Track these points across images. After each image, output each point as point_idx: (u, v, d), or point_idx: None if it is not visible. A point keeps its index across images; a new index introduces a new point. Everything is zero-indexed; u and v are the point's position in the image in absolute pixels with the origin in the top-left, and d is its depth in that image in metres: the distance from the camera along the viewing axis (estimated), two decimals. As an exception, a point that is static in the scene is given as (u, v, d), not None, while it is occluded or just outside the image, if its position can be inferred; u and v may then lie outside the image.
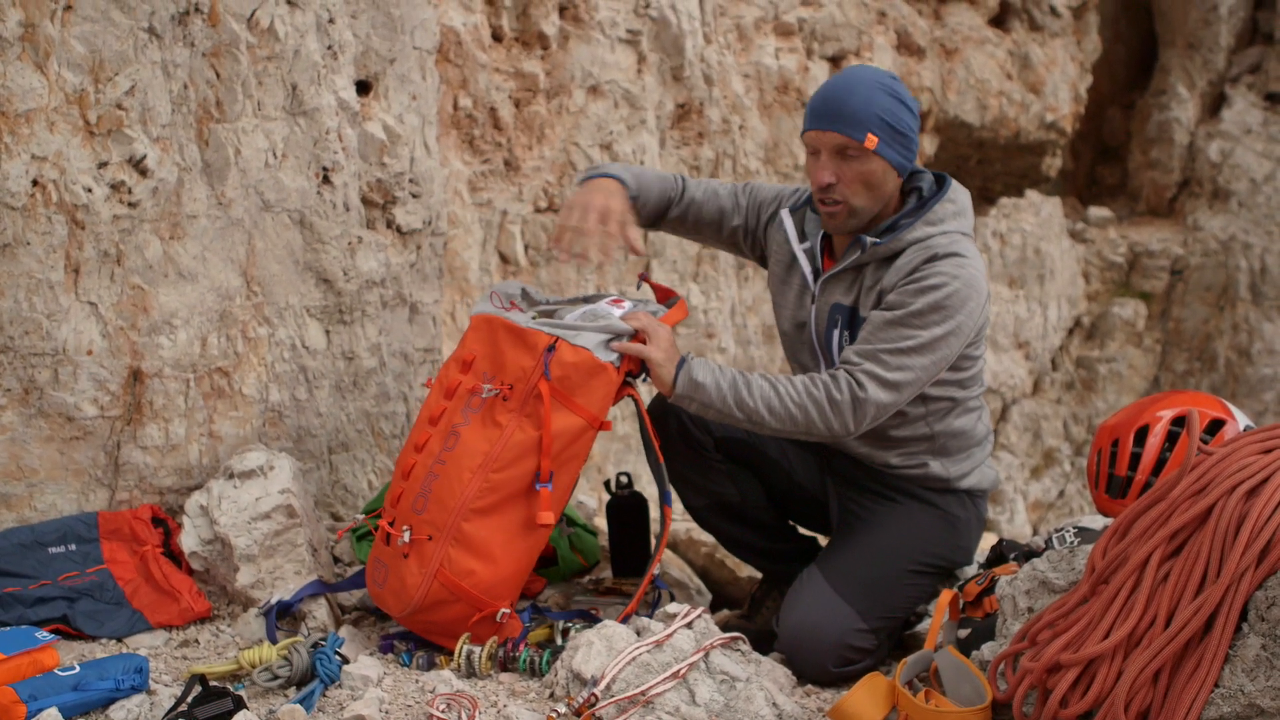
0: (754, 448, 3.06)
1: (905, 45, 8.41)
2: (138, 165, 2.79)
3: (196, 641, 2.74)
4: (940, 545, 2.94)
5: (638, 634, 2.52)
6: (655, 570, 2.81)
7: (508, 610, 2.64)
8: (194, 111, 2.95)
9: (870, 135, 2.68)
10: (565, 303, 2.88)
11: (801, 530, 3.29)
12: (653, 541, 3.33)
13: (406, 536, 2.61)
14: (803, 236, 2.97)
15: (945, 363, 2.73)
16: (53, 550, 2.77)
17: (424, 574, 2.60)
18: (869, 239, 2.77)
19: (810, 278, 2.93)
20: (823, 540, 3.24)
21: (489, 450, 2.58)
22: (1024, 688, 2.05)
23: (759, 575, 3.47)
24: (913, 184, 2.85)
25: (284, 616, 2.78)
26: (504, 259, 5.25)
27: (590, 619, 2.80)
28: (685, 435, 3.04)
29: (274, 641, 2.61)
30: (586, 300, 2.85)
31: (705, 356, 5.90)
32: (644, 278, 2.89)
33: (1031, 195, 9.68)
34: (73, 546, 2.79)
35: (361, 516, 3.29)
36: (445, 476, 2.61)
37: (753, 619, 3.27)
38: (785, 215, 3.00)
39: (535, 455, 2.59)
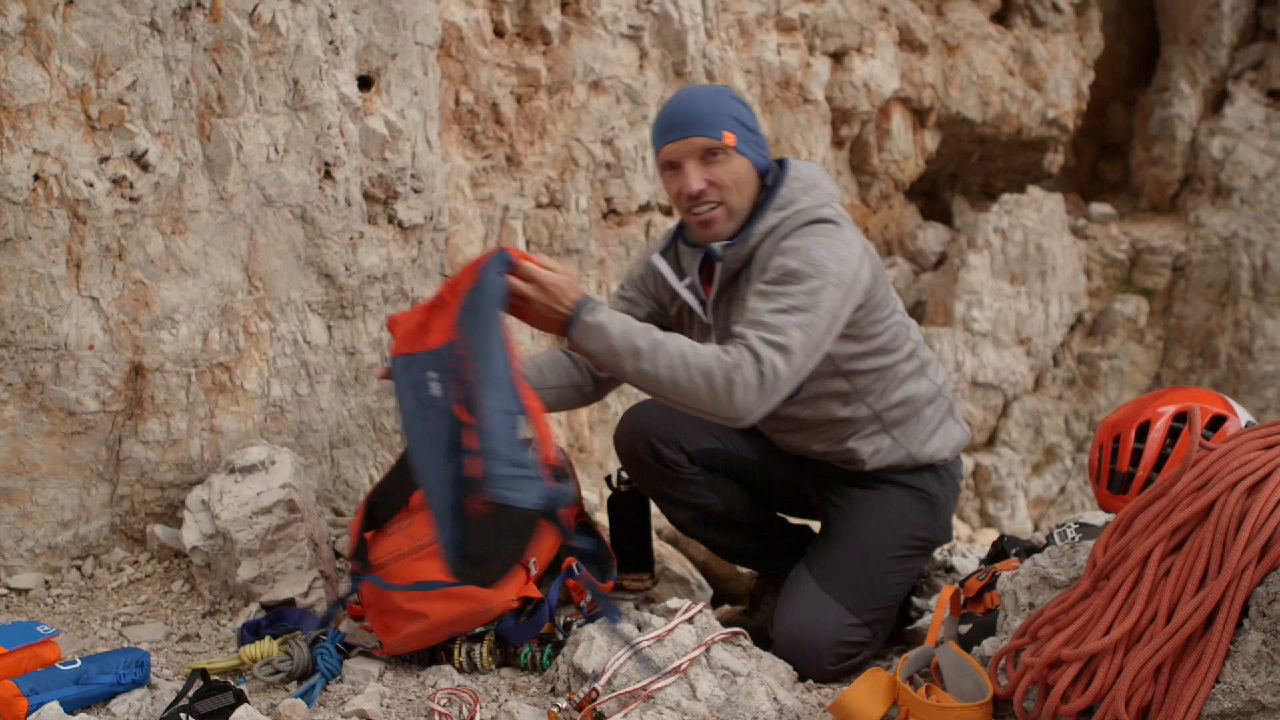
0: (730, 454, 3.05)
1: (907, 41, 8.40)
2: (139, 160, 2.79)
3: (198, 636, 2.74)
4: (919, 526, 2.95)
5: (639, 629, 2.52)
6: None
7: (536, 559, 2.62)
8: (195, 106, 2.95)
9: (727, 133, 2.69)
10: None
11: (792, 520, 3.29)
12: (652, 537, 3.33)
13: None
14: (681, 274, 2.91)
15: (835, 321, 2.56)
16: None
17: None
18: (718, 247, 2.74)
19: (700, 310, 2.86)
20: (815, 526, 3.24)
21: None
22: (1025, 683, 2.05)
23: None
24: (761, 182, 2.82)
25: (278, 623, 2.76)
26: (505, 254, 5.24)
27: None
28: (657, 456, 3.02)
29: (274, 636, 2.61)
30: None
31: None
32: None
33: (1033, 191, 9.67)
34: None
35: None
36: None
37: (753, 614, 3.27)
38: (657, 259, 2.90)
39: None
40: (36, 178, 2.64)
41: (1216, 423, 2.74)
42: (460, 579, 2.37)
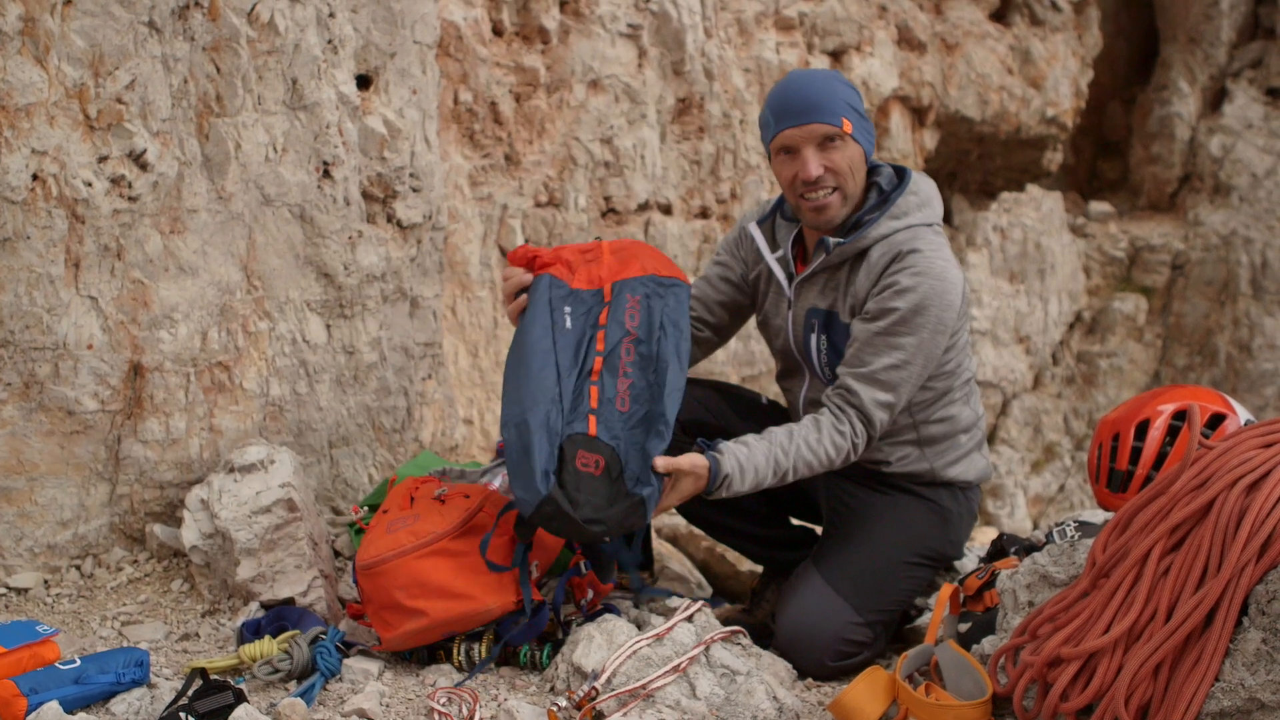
0: (726, 430, 3.04)
1: (906, 40, 8.39)
2: (138, 159, 2.79)
3: (197, 635, 2.74)
4: (932, 539, 2.94)
5: (638, 628, 2.52)
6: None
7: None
8: (194, 105, 2.94)
9: (845, 120, 2.73)
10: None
11: (794, 521, 3.28)
12: (653, 535, 3.32)
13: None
14: (774, 246, 2.99)
15: (933, 362, 2.75)
16: None
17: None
18: (831, 240, 2.79)
19: (785, 283, 2.94)
20: (817, 530, 3.22)
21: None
22: (1024, 682, 2.05)
23: (759, 569, 3.46)
24: (871, 179, 2.86)
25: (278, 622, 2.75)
26: (504, 253, 5.24)
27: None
28: None
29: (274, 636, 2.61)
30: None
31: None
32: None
33: (1032, 190, 9.66)
34: None
35: (363, 510, 3.28)
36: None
37: (753, 613, 3.27)
38: (753, 228, 3.00)
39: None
40: (35, 177, 2.64)
41: (1216, 421, 2.74)
42: (540, 518, 2.46)
